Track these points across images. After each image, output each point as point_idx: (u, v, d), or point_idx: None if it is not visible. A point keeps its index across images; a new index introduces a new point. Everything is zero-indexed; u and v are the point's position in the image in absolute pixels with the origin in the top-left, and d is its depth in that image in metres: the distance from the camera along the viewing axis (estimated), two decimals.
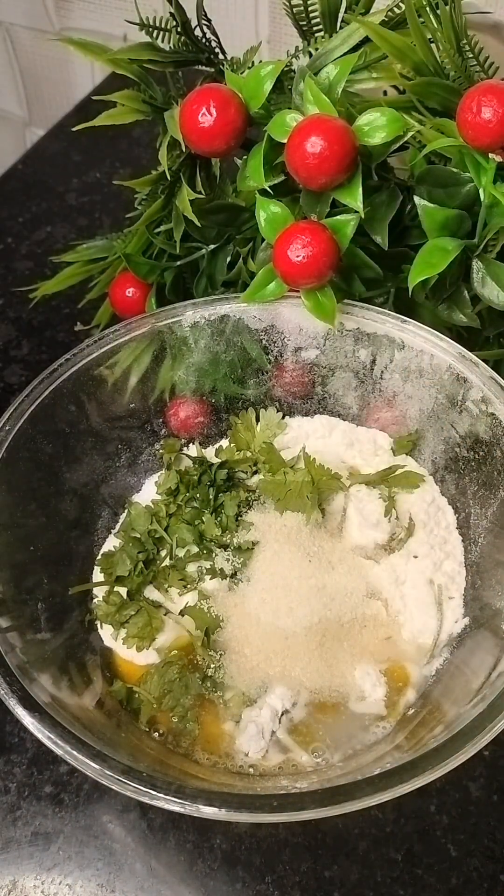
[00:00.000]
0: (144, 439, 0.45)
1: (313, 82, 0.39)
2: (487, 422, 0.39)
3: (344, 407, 0.45)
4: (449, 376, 0.41)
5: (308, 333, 0.43)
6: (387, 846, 0.39)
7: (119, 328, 0.43)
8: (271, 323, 0.44)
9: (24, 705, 0.32)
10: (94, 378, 0.42)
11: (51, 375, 0.40)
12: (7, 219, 0.68)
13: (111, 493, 0.44)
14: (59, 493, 0.42)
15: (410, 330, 0.41)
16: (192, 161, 0.45)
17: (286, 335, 0.44)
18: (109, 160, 0.73)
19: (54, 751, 0.31)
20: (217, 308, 0.43)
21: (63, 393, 0.41)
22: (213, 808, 0.30)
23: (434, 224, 0.40)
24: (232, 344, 0.44)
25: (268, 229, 0.41)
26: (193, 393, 0.45)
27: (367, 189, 0.40)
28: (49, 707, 0.32)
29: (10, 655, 0.33)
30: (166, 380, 0.44)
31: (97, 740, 0.32)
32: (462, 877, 0.39)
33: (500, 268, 0.40)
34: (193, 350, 0.44)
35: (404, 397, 0.43)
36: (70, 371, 0.41)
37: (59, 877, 0.39)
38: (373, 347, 0.43)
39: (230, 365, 0.45)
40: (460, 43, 0.40)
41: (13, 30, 0.88)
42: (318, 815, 0.29)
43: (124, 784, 0.30)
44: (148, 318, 0.43)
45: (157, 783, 0.30)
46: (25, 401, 0.39)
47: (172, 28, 0.45)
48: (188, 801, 0.30)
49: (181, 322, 0.43)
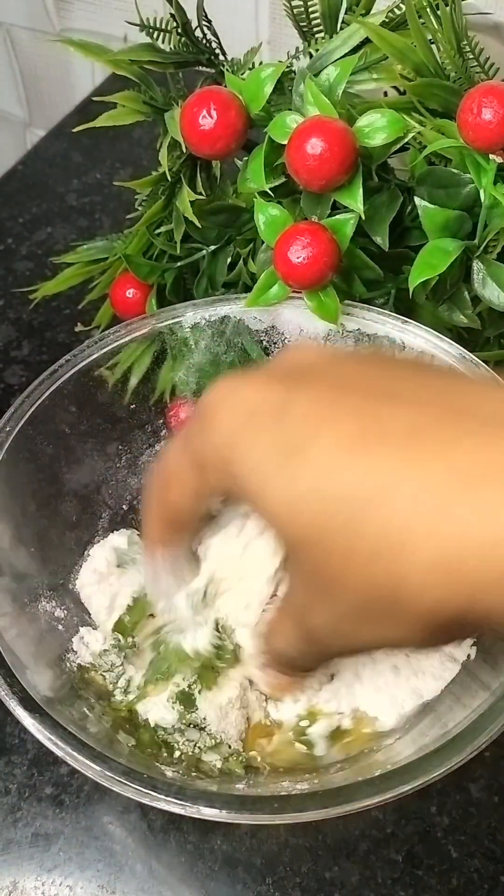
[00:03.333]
0: (145, 440, 0.45)
1: (313, 84, 0.39)
2: None
3: None
4: None
5: (309, 335, 0.43)
6: (387, 847, 0.39)
7: (119, 329, 0.43)
8: (272, 324, 0.43)
9: (24, 706, 0.31)
10: (94, 379, 0.42)
11: (51, 376, 0.40)
12: (7, 219, 0.68)
13: (112, 494, 0.44)
14: (59, 494, 0.42)
15: (411, 331, 0.41)
16: (192, 162, 0.45)
17: (287, 336, 0.44)
18: (110, 161, 0.73)
19: (55, 752, 0.31)
20: (217, 309, 0.43)
21: (63, 394, 0.41)
22: (213, 809, 0.29)
23: (434, 225, 0.40)
24: (232, 345, 0.44)
25: (267, 232, 0.41)
26: (194, 394, 0.45)
27: (367, 190, 0.40)
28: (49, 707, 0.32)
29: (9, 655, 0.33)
30: (167, 380, 0.44)
31: (98, 741, 0.32)
32: (463, 878, 0.39)
33: (501, 269, 0.40)
34: (194, 351, 0.44)
35: None
36: (70, 372, 0.41)
37: (60, 878, 0.39)
38: (373, 348, 0.43)
39: (231, 366, 0.44)
40: (461, 44, 0.40)
41: (13, 30, 0.88)
42: (320, 816, 0.29)
43: (125, 785, 0.30)
44: (148, 318, 0.43)
45: (158, 784, 0.30)
46: (26, 402, 0.39)
47: (173, 29, 0.45)
48: (189, 802, 0.30)
49: (181, 323, 0.43)
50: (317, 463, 0.26)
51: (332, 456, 0.26)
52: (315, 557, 0.27)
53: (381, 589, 0.26)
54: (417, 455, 0.25)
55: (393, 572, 0.25)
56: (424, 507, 0.24)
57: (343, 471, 0.26)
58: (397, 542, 0.25)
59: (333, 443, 0.26)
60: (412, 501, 0.25)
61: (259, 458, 0.27)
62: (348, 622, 0.28)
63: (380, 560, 0.25)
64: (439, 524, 0.24)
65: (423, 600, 0.25)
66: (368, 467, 0.25)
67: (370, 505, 0.25)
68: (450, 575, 0.24)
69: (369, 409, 0.27)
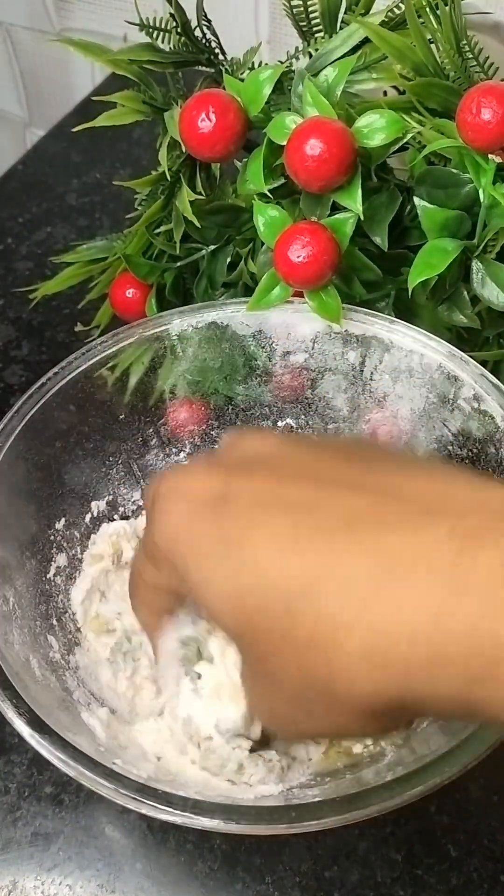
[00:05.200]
0: (136, 449, 0.45)
1: (312, 85, 0.39)
2: (480, 419, 0.39)
3: (334, 409, 0.45)
4: (440, 375, 0.41)
5: (296, 337, 0.43)
6: (387, 846, 0.39)
7: (107, 339, 0.42)
8: (259, 328, 0.43)
9: (32, 727, 0.31)
10: (83, 390, 0.42)
11: (40, 389, 0.40)
12: (7, 219, 0.68)
13: (108, 503, 0.44)
14: (54, 505, 0.42)
15: (399, 330, 0.41)
16: (192, 162, 0.45)
17: (274, 340, 0.44)
18: (109, 161, 0.73)
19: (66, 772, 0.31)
20: (204, 315, 0.43)
21: (53, 406, 0.41)
22: (231, 822, 0.29)
23: (434, 225, 0.40)
24: (220, 351, 0.44)
25: (267, 233, 0.41)
26: (183, 402, 0.45)
27: (366, 190, 0.40)
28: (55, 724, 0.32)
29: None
30: (158, 389, 0.44)
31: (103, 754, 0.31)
32: (462, 877, 0.39)
33: (500, 268, 0.40)
34: (182, 358, 0.44)
35: (395, 397, 0.43)
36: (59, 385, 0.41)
37: (60, 877, 0.39)
38: (362, 349, 0.43)
39: (219, 372, 0.44)
40: (460, 43, 0.40)
41: (13, 30, 0.88)
42: (339, 822, 0.29)
43: (140, 802, 0.29)
44: (135, 327, 0.43)
45: (174, 800, 0.29)
46: (15, 417, 0.39)
47: (172, 29, 0.45)
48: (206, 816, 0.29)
49: (169, 331, 0.43)
50: (254, 557, 0.27)
51: (267, 551, 0.27)
52: (255, 647, 0.28)
53: (317, 678, 0.26)
54: (347, 546, 0.26)
55: (327, 661, 0.26)
56: (353, 597, 0.25)
57: (278, 564, 0.27)
58: (330, 631, 0.26)
59: (269, 538, 0.27)
60: (342, 592, 0.26)
61: (200, 551, 0.29)
62: (287, 710, 0.29)
63: (315, 649, 0.26)
64: (367, 613, 0.25)
65: (356, 688, 0.26)
66: (302, 561, 0.26)
67: (304, 596, 0.26)
68: (380, 662, 0.25)
69: (305, 500, 0.28)
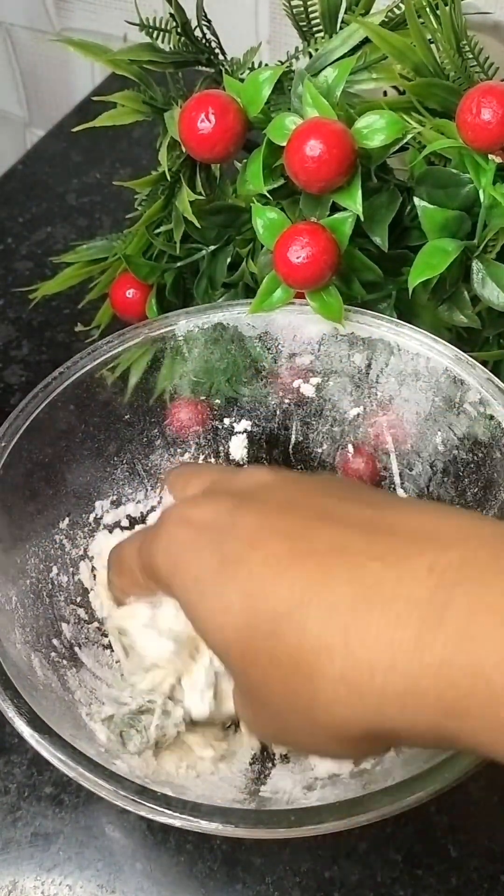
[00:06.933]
0: (140, 450, 0.45)
1: (312, 85, 0.39)
2: (486, 423, 0.39)
3: (340, 412, 0.45)
4: (446, 379, 0.41)
5: (302, 339, 0.43)
6: (387, 847, 0.39)
7: (113, 339, 0.42)
8: (265, 330, 0.43)
9: (32, 727, 0.31)
10: (88, 390, 0.42)
11: (45, 388, 0.40)
12: (7, 219, 0.68)
13: (112, 502, 0.44)
14: (58, 505, 0.42)
15: (405, 333, 0.41)
16: (192, 162, 0.45)
17: (280, 342, 0.44)
18: (109, 161, 0.73)
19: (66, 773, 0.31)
20: (210, 316, 0.43)
21: (58, 405, 0.41)
22: (229, 825, 0.29)
23: (434, 225, 0.40)
24: (226, 352, 0.44)
25: (266, 235, 0.41)
26: (188, 402, 0.45)
27: (366, 191, 0.40)
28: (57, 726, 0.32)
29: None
30: (161, 390, 0.44)
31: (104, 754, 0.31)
32: (462, 877, 0.39)
33: (500, 268, 0.40)
34: (187, 359, 0.44)
35: (401, 401, 0.43)
36: (64, 385, 0.41)
37: (60, 877, 0.39)
38: (368, 351, 0.43)
39: (224, 373, 0.44)
40: (460, 43, 0.40)
41: (13, 30, 0.88)
42: (339, 827, 0.30)
43: (139, 804, 0.30)
44: (141, 328, 0.43)
45: (173, 802, 0.29)
46: (20, 416, 0.39)
47: (172, 29, 0.45)
48: (204, 819, 0.29)
49: (174, 332, 0.43)
50: (246, 578, 0.28)
51: (259, 573, 0.28)
52: (242, 665, 0.29)
53: (300, 699, 0.27)
54: (333, 572, 0.27)
55: (309, 683, 0.27)
56: (336, 623, 0.26)
57: (268, 586, 0.28)
58: (313, 654, 0.26)
59: (262, 561, 0.28)
60: (326, 617, 0.26)
61: (197, 574, 0.30)
62: (271, 727, 0.30)
63: (298, 671, 0.27)
64: (348, 640, 0.26)
65: (334, 711, 0.26)
66: (290, 584, 0.27)
67: (290, 617, 0.27)
68: (356, 690, 0.26)
69: (302, 529, 0.29)
